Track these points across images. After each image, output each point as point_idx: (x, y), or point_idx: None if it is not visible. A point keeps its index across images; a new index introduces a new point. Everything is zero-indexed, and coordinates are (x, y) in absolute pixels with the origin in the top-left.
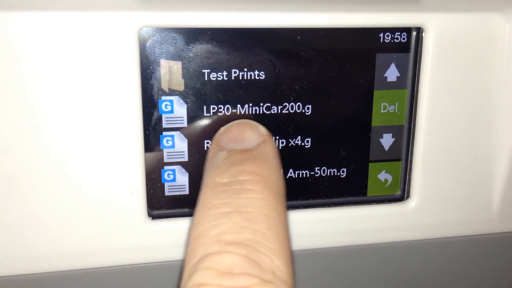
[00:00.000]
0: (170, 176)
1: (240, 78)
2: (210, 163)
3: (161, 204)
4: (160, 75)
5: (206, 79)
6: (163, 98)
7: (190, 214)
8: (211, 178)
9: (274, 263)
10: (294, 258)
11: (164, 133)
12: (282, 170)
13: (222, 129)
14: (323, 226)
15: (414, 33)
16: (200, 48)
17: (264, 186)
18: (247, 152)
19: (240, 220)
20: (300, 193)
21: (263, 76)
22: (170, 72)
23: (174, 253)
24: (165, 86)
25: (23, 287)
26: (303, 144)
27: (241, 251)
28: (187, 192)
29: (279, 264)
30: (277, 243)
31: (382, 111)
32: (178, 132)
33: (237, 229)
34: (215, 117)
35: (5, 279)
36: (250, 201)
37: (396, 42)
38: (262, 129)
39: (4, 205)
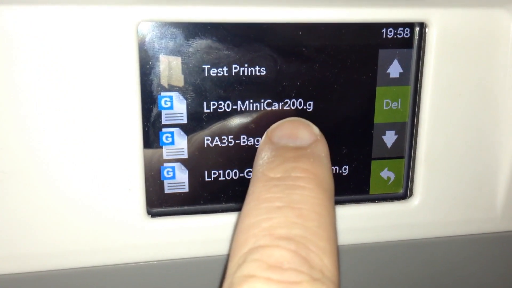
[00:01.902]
0: (169, 173)
1: (241, 74)
2: (262, 157)
3: (160, 201)
4: (159, 70)
5: (206, 74)
6: (163, 94)
7: (189, 212)
8: (264, 171)
9: (323, 262)
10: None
11: (164, 129)
12: (332, 170)
13: (275, 125)
14: None
15: (417, 29)
16: (200, 43)
17: (316, 184)
18: (301, 150)
19: (293, 215)
20: None
21: (264, 72)
22: (169, 67)
23: (173, 251)
24: (164, 82)
25: (21, 285)
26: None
27: (292, 246)
28: (186, 190)
29: (328, 264)
30: (327, 242)
31: (384, 107)
32: (178, 128)
33: (289, 225)
34: (215, 113)
35: (3, 277)
36: (302, 198)
37: (399, 38)
38: (315, 129)
39: (1, 203)
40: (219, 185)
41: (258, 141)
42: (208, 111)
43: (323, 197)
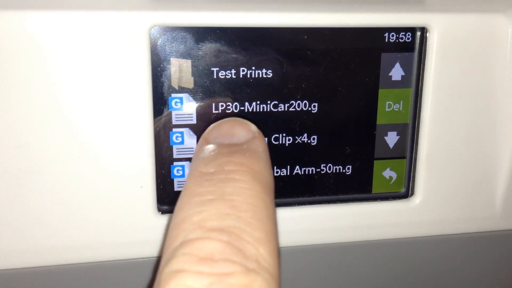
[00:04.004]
0: (179, 171)
1: (248, 76)
2: (197, 156)
3: (170, 199)
4: (170, 73)
5: (215, 77)
6: (173, 95)
7: None
8: (197, 167)
9: (259, 252)
10: (281, 253)
11: (174, 129)
12: (271, 166)
13: (212, 126)
14: (328, 222)
15: (419, 33)
16: (209, 47)
17: (251, 177)
18: (236, 146)
19: (225, 207)
20: (306, 190)
21: (271, 74)
22: (180, 70)
23: None
24: (175, 84)
25: (35, 279)
26: (309, 141)
27: (224, 237)
28: None
29: (264, 254)
30: (262, 232)
31: (387, 109)
32: (188, 128)
33: (221, 216)
34: (223, 114)
35: (18, 271)
36: (236, 189)
37: (401, 42)
38: (253, 127)
39: (17, 199)
40: None
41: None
42: (217, 112)
43: (259, 189)
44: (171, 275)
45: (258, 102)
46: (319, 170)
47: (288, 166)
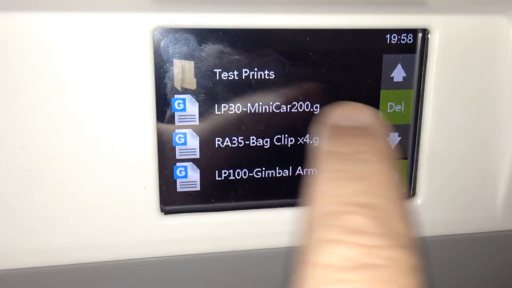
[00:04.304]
0: (182, 172)
1: (251, 77)
2: (324, 136)
3: (173, 199)
4: (173, 74)
5: (217, 78)
6: (176, 96)
7: (201, 210)
8: (329, 148)
9: (403, 229)
10: None
11: (177, 130)
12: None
13: (331, 111)
14: None
15: (420, 35)
16: (212, 48)
17: (384, 158)
18: (362, 129)
19: (367, 185)
20: None
21: (273, 76)
22: (183, 71)
23: (186, 247)
24: (178, 85)
25: (39, 279)
26: (311, 142)
27: (371, 212)
28: (198, 188)
29: (407, 231)
30: (402, 210)
31: (388, 110)
32: (190, 129)
33: (366, 193)
34: (226, 115)
35: (23, 271)
36: (374, 170)
37: (403, 43)
38: (373, 111)
39: (20, 200)
40: (229, 184)
41: (266, 142)
42: (219, 113)
43: (390, 170)
44: (322, 243)
45: (260, 104)
46: None
47: (290, 167)
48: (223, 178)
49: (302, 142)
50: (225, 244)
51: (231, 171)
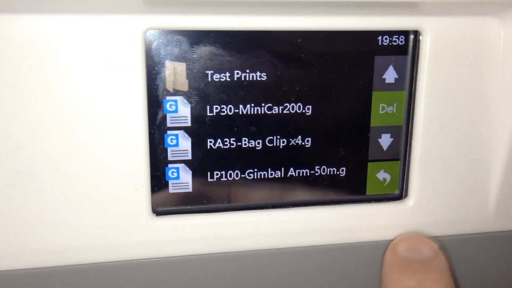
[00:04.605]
0: (174, 174)
1: (243, 79)
2: (393, 266)
3: (165, 201)
4: (165, 75)
5: (209, 80)
6: (168, 98)
7: (193, 211)
8: (399, 280)
9: None
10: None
11: (169, 132)
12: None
13: (398, 238)
14: (323, 224)
15: (412, 36)
16: (204, 50)
17: None
18: (427, 263)
19: None
20: (300, 192)
21: (265, 77)
22: (174, 73)
23: (178, 248)
24: (169, 87)
25: (29, 280)
26: (303, 143)
27: None
28: (190, 190)
29: None
30: None
31: (380, 111)
32: (182, 131)
33: None
34: (218, 116)
35: (12, 273)
36: None
37: (394, 45)
38: (434, 244)
39: (12, 201)
40: (221, 185)
41: (259, 143)
42: (211, 114)
43: None
44: None
45: (252, 105)
46: (313, 172)
47: (283, 168)
48: (215, 180)
49: (294, 144)
50: (217, 245)
51: (223, 172)
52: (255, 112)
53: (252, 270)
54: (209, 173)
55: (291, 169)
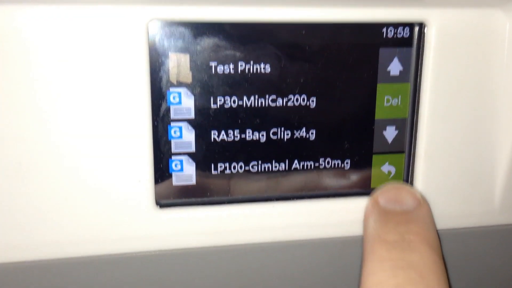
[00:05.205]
0: (177, 166)
1: (247, 71)
2: (374, 219)
3: (168, 193)
4: (168, 67)
5: (213, 71)
6: (171, 90)
7: (196, 203)
8: (380, 234)
9: None
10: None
11: (172, 124)
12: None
13: (379, 190)
14: (327, 217)
15: (417, 28)
16: (207, 42)
17: (428, 246)
18: (408, 214)
19: (415, 275)
20: (304, 184)
21: (269, 69)
22: (178, 64)
23: (181, 241)
24: (173, 78)
25: (33, 273)
26: (307, 136)
27: None
28: (194, 182)
29: None
30: None
31: (385, 104)
32: (186, 123)
33: (414, 282)
34: (221, 108)
35: (16, 265)
36: (419, 258)
37: (399, 37)
38: (418, 194)
39: (15, 193)
40: (225, 178)
41: (263, 135)
42: (215, 106)
43: (435, 258)
44: None
45: (256, 97)
46: (317, 164)
47: (287, 161)
48: (219, 172)
49: (298, 136)
50: (221, 238)
51: (227, 164)
52: (259, 104)
53: (256, 263)
54: (213, 165)
55: (295, 161)
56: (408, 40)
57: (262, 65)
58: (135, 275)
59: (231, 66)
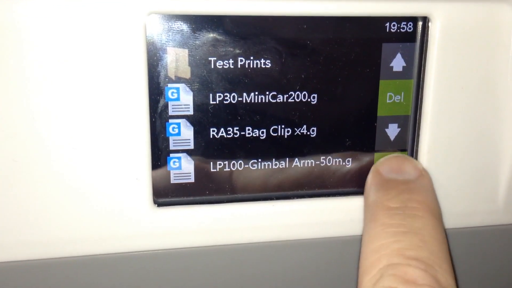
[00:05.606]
0: (175, 163)
1: (246, 66)
2: (376, 188)
3: (166, 191)
4: (166, 62)
5: (212, 67)
6: (170, 85)
7: (195, 202)
8: (382, 201)
9: (448, 282)
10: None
11: (170, 120)
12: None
13: (381, 160)
14: (329, 216)
15: (420, 23)
16: (206, 36)
17: (430, 213)
18: (410, 183)
19: (417, 240)
20: (305, 183)
21: (269, 64)
22: (176, 59)
23: (179, 240)
24: (171, 74)
25: (30, 272)
26: (308, 133)
27: (422, 266)
28: (192, 180)
29: (452, 283)
30: (448, 264)
31: (388, 101)
32: (184, 119)
33: (416, 248)
34: (221, 105)
35: (12, 264)
36: (422, 225)
37: (402, 32)
38: (419, 164)
39: (11, 190)
40: (224, 175)
41: (263, 132)
42: (214, 102)
43: (437, 225)
44: None
45: (256, 93)
46: (318, 162)
47: (287, 159)
48: (218, 170)
49: (299, 133)
50: (219, 237)
51: (226, 162)
52: (259, 101)
53: (255, 262)
54: (211, 163)
55: (296, 159)
56: (411, 35)
57: (262, 61)
58: (133, 275)
59: (231, 61)
